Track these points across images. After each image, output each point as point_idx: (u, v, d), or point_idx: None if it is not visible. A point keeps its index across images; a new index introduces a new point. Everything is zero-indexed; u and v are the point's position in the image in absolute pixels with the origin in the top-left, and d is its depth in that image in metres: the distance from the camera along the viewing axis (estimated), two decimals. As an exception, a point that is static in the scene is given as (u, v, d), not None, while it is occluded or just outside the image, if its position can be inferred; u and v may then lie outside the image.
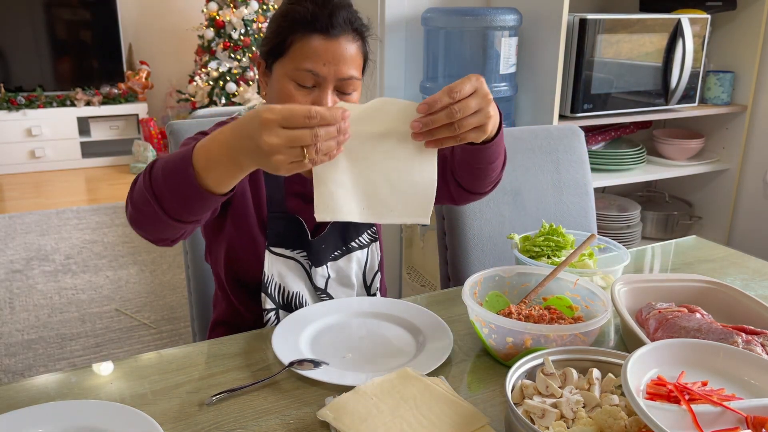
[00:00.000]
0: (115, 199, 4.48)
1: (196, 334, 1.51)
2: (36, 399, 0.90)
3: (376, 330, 1.11)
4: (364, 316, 1.15)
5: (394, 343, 1.07)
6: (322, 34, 1.04)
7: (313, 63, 1.04)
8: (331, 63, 1.04)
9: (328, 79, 1.05)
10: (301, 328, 1.09)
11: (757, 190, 2.71)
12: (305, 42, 1.04)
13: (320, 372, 0.96)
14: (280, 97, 1.08)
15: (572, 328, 0.96)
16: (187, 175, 0.86)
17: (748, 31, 2.60)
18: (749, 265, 1.45)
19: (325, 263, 1.22)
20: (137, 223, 0.96)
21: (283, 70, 1.07)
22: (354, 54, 1.07)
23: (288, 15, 1.06)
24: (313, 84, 1.06)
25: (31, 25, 5.04)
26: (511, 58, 2.36)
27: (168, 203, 0.90)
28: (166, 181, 0.89)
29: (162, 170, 0.90)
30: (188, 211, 0.91)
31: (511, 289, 1.16)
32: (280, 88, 1.07)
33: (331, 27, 1.04)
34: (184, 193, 0.88)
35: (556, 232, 1.35)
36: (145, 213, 0.93)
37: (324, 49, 1.04)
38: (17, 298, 2.99)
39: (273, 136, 0.80)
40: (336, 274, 1.24)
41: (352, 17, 1.07)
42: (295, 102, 1.06)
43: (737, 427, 0.73)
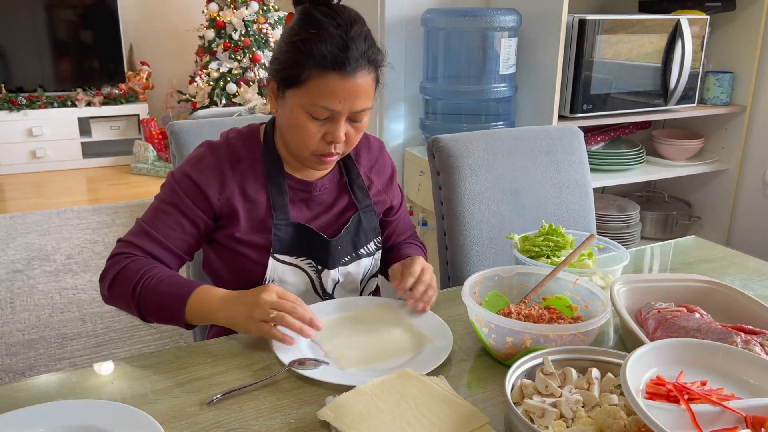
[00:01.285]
0: (115, 199, 4.48)
1: (197, 334, 1.51)
2: (37, 398, 0.91)
3: (376, 329, 1.11)
4: (365, 315, 1.15)
5: (395, 343, 1.07)
6: (338, 73, 1.05)
7: (328, 101, 1.06)
8: (346, 100, 1.06)
9: (343, 113, 1.08)
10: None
11: (757, 190, 2.72)
12: (322, 80, 1.05)
13: (320, 372, 0.96)
14: (295, 125, 1.10)
15: (572, 328, 0.96)
16: (176, 317, 1.07)
17: (747, 31, 2.60)
18: (748, 265, 1.45)
19: (337, 266, 1.23)
20: (112, 304, 1.15)
21: (298, 100, 1.08)
22: (368, 86, 1.09)
23: (305, 48, 1.05)
24: (326, 117, 1.08)
25: (32, 25, 5.04)
26: (511, 59, 2.36)
27: (150, 318, 1.10)
28: (157, 310, 1.08)
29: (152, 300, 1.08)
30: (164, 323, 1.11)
31: (510, 289, 1.16)
32: (294, 117, 1.09)
33: (348, 65, 1.05)
34: (166, 320, 1.09)
35: (556, 232, 1.35)
36: (123, 309, 1.13)
37: (341, 87, 1.05)
38: (18, 297, 2.99)
39: (268, 296, 1.02)
40: (344, 279, 1.25)
41: (367, 49, 1.08)
42: (308, 131, 1.09)
43: (736, 426, 0.73)
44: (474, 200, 1.58)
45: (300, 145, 1.12)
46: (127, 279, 1.09)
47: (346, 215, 1.26)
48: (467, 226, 1.57)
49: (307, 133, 1.09)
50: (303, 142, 1.11)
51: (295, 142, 1.13)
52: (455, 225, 1.57)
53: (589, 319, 1.02)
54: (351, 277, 1.26)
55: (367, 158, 1.31)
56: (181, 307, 1.06)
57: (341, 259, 1.23)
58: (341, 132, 1.09)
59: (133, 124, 5.41)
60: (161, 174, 5.02)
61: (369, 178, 1.30)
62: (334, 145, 1.11)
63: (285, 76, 1.08)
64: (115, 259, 1.12)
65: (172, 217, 1.14)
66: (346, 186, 1.27)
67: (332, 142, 1.11)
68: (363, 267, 1.27)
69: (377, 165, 1.32)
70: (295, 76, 1.06)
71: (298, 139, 1.11)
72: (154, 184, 4.84)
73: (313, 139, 1.10)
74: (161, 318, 1.09)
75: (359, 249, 1.26)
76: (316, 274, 1.22)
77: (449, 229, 1.59)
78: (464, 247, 1.57)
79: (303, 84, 1.06)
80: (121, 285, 1.09)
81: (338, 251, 1.22)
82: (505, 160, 1.63)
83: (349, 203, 1.26)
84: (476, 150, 1.59)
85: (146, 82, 5.40)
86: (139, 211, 4.19)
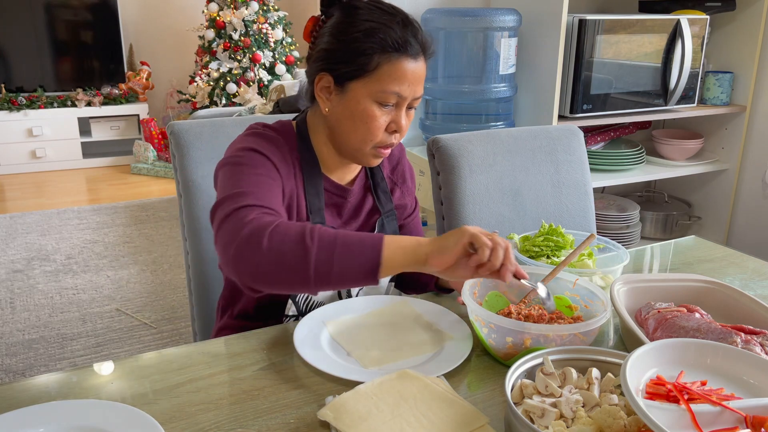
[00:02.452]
0: (115, 199, 4.48)
1: (197, 334, 1.51)
2: (37, 399, 0.91)
3: (396, 328, 1.11)
4: (383, 314, 1.15)
5: (415, 341, 1.07)
6: (410, 57, 1.07)
7: (399, 85, 1.07)
8: (412, 84, 1.08)
9: (408, 98, 1.09)
10: (323, 324, 1.10)
11: (756, 190, 2.72)
12: (393, 64, 1.06)
13: (344, 370, 0.96)
14: (361, 117, 1.09)
15: (571, 328, 0.96)
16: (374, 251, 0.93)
17: (747, 31, 2.60)
18: (748, 265, 1.45)
19: None
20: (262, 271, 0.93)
21: (366, 90, 1.07)
22: (424, 73, 1.12)
23: (374, 36, 1.05)
24: (393, 103, 1.09)
25: (32, 25, 5.04)
26: (511, 59, 2.36)
27: (325, 275, 0.92)
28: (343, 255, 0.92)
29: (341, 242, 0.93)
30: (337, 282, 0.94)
31: (510, 288, 1.16)
32: (363, 108, 1.08)
33: (416, 48, 1.07)
34: (352, 270, 0.93)
35: (556, 232, 1.35)
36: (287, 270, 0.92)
37: (410, 71, 1.07)
38: (18, 297, 2.99)
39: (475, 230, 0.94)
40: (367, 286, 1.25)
41: (426, 38, 1.10)
42: (377, 121, 1.08)
43: (736, 426, 0.73)
44: (474, 200, 1.58)
45: (365, 138, 1.11)
46: (290, 227, 0.94)
47: (372, 220, 1.26)
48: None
49: (375, 123, 1.09)
50: (369, 134, 1.10)
51: (359, 135, 1.11)
52: (455, 225, 1.57)
53: (589, 319, 1.02)
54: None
55: (388, 161, 1.32)
56: (379, 241, 0.93)
57: None
58: (404, 119, 1.11)
59: (133, 124, 5.41)
60: (161, 174, 5.03)
61: (392, 181, 1.31)
62: (395, 135, 1.12)
63: (349, 70, 1.07)
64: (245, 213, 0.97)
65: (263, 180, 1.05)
66: (371, 189, 1.27)
67: (395, 131, 1.12)
68: None
69: (399, 167, 1.33)
70: (364, 65, 1.06)
71: (364, 132, 1.10)
72: (154, 184, 4.84)
73: (380, 129, 1.10)
74: (349, 260, 0.92)
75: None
76: None
77: (449, 229, 1.59)
78: (464, 247, 1.57)
79: (373, 72, 1.06)
80: (285, 231, 0.93)
81: None
82: (505, 160, 1.63)
83: (373, 207, 1.26)
84: (476, 150, 1.59)
85: (146, 82, 5.40)
86: (139, 211, 4.19)
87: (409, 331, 1.10)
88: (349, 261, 0.92)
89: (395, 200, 1.30)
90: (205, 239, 1.43)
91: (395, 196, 1.31)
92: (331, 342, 1.06)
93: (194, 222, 1.42)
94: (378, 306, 1.17)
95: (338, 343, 1.06)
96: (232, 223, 0.96)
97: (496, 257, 0.94)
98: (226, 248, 0.95)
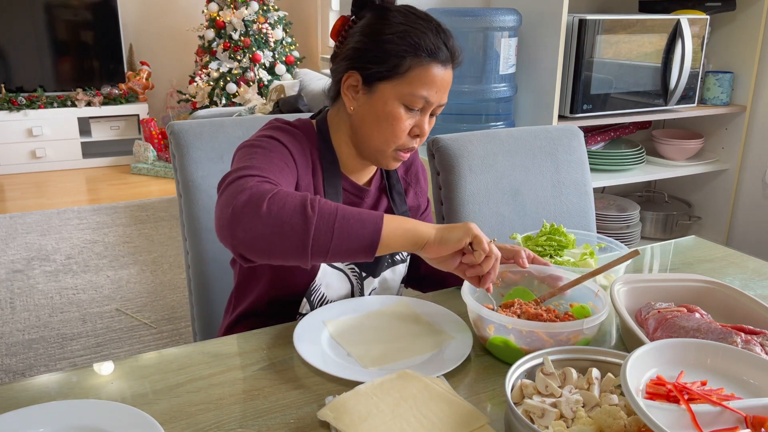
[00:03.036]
0: (115, 199, 4.48)
1: (197, 334, 1.51)
2: (37, 399, 0.91)
3: (396, 328, 1.11)
4: (383, 314, 1.15)
5: (416, 341, 1.07)
6: (441, 64, 1.08)
7: (428, 90, 1.08)
8: (439, 91, 1.10)
9: (433, 104, 1.10)
10: (323, 324, 1.10)
11: (756, 190, 2.72)
12: (424, 69, 1.07)
13: (345, 371, 0.96)
14: (387, 118, 1.09)
15: (541, 326, 0.96)
16: (374, 225, 0.91)
17: (748, 31, 2.60)
18: (748, 265, 1.45)
19: (380, 274, 1.23)
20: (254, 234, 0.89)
21: (395, 92, 1.08)
22: (451, 81, 1.13)
23: (408, 38, 1.07)
24: (419, 108, 1.10)
25: (32, 25, 5.04)
26: (511, 59, 2.36)
27: (324, 246, 0.89)
28: (343, 228, 0.90)
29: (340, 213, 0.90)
30: (331, 257, 0.91)
31: (541, 290, 1.16)
32: (389, 110, 1.09)
33: (447, 56, 1.09)
34: (356, 234, 0.91)
35: (558, 232, 1.35)
36: (284, 236, 0.89)
37: (440, 77, 1.09)
38: (18, 297, 2.99)
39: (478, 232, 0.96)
40: (379, 286, 1.26)
41: (456, 46, 1.12)
42: (401, 123, 1.09)
43: (736, 426, 0.73)
44: (474, 200, 1.58)
45: (388, 139, 1.11)
46: (291, 194, 0.91)
47: None
48: (467, 226, 1.57)
49: (400, 126, 1.09)
50: (393, 135, 1.11)
51: (383, 137, 1.11)
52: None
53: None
54: (387, 284, 1.26)
55: (402, 162, 1.32)
56: (380, 219, 0.92)
57: (383, 266, 1.24)
58: (427, 125, 1.12)
59: (133, 124, 5.41)
60: (161, 174, 5.03)
61: (406, 182, 1.31)
62: (417, 139, 1.13)
63: (380, 71, 1.08)
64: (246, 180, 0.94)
65: (276, 161, 1.05)
66: (386, 190, 1.27)
67: (418, 136, 1.13)
68: (398, 273, 1.28)
69: (412, 168, 1.34)
70: (395, 66, 1.07)
71: (389, 133, 1.11)
72: (154, 184, 4.84)
73: (404, 132, 1.11)
74: (349, 234, 0.90)
75: (395, 255, 1.26)
76: (358, 282, 1.21)
77: (449, 229, 1.59)
78: (464, 247, 1.57)
79: (404, 74, 1.07)
80: (285, 199, 0.90)
81: (384, 258, 1.22)
82: (505, 160, 1.63)
83: (387, 208, 1.27)
84: (476, 150, 1.59)
85: (146, 82, 5.40)
86: (139, 211, 4.19)
87: (409, 332, 1.10)
88: (348, 234, 0.90)
89: (409, 201, 1.31)
90: (205, 239, 1.43)
91: (409, 197, 1.31)
92: (331, 342, 1.06)
93: (194, 222, 1.42)
94: (378, 306, 1.17)
95: (338, 343, 1.05)
96: (231, 189, 0.93)
97: (487, 264, 0.97)
98: (222, 211, 0.91)
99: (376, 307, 1.17)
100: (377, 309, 1.16)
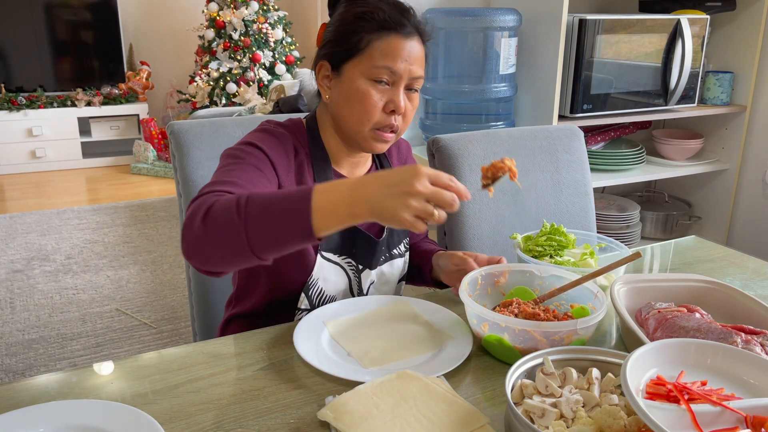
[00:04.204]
0: (115, 199, 4.48)
1: (197, 334, 1.51)
2: (37, 398, 0.91)
3: (395, 328, 1.11)
4: (382, 314, 1.15)
5: (415, 341, 1.07)
6: (399, 34, 1.10)
7: (391, 60, 1.09)
8: (406, 61, 1.10)
9: (403, 76, 1.11)
10: (323, 324, 1.10)
11: (756, 190, 2.72)
12: (384, 41, 1.09)
13: (347, 371, 0.96)
14: (356, 96, 1.11)
15: (533, 326, 0.96)
16: (300, 215, 0.85)
17: (748, 31, 2.60)
18: (748, 264, 1.45)
19: (376, 267, 1.24)
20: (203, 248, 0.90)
21: (359, 69, 1.11)
22: (422, 55, 1.14)
23: (364, 16, 1.10)
24: (387, 81, 1.11)
25: (32, 25, 5.04)
26: (511, 59, 2.36)
27: (261, 240, 0.87)
28: (269, 217, 0.86)
29: (265, 206, 0.87)
30: (276, 249, 0.88)
31: (542, 289, 1.16)
32: (356, 87, 1.11)
33: (407, 27, 1.11)
34: (285, 232, 0.86)
35: (558, 232, 1.35)
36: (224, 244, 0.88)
37: (401, 47, 1.10)
38: (18, 297, 2.99)
39: (422, 186, 0.82)
40: (377, 280, 1.26)
41: (420, 21, 1.15)
42: (371, 99, 1.10)
43: (736, 426, 0.73)
44: (474, 200, 1.58)
45: (361, 118, 1.12)
46: (228, 203, 0.89)
47: None
48: (467, 226, 1.57)
49: (370, 101, 1.10)
50: (365, 113, 1.11)
51: (356, 116, 1.12)
52: (455, 225, 1.57)
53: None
54: (385, 278, 1.27)
55: (397, 157, 1.34)
56: (306, 205, 0.85)
57: (380, 259, 1.24)
58: (401, 98, 1.12)
59: (133, 124, 5.41)
60: (161, 174, 5.03)
61: None
62: (394, 116, 1.13)
63: (343, 49, 1.11)
64: (202, 198, 0.94)
65: (249, 169, 1.06)
66: None
67: (393, 112, 1.12)
68: (396, 268, 1.28)
69: (407, 163, 1.36)
70: (355, 44, 1.10)
71: (360, 111, 1.11)
72: (154, 184, 4.84)
73: (376, 108, 1.11)
74: (280, 231, 0.86)
75: (392, 249, 1.27)
76: (355, 275, 1.22)
77: (449, 229, 1.59)
78: (464, 247, 1.57)
79: (364, 50, 1.10)
80: (220, 211, 0.89)
81: (381, 251, 1.23)
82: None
83: None
84: (476, 150, 1.59)
85: (146, 82, 5.40)
86: (139, 210, 4.19)
87: (408, 331, 1.10)
88: (281, 228, 0.86)
89: None
90: (205, 239, 1.43)
91: None
92: (331, 342, 1.06)
93: (194, 222, 1.42)
94: (377, 306, 1.17)
95: (338, 343, 1.05)
96: (187, 213, 0.94)
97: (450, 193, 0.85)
98: (181, 234, 0.94)
99: (376, 307, 1.17)
100: (377, 308, 1.16)
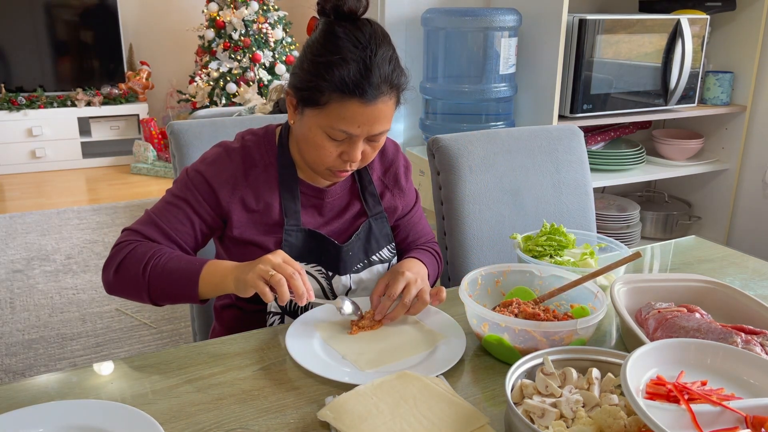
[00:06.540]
0: (115, 199, 4.48)
1: (197, 334, 1.51)
2: (37, 398, 0.91)
3: (387, 329, 1.11)
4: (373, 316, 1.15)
5: (408, 342, 1.07)
6: (359, 100, 1.03)
7: (347, 125, 1.06)
8: (365, 125, 1.06)
9: (361, 136, 1.08)
10: (314, 328, 1.10)
11: (756, 190, 2.72)
12: (342, 105, 1.04)
13: (343, 375, 0.96)
14: (312, 142, 1.10)
15: (533, 326, 0.96)
16: (190, 291, 1.08)
17: (748, 31, 2.60)
18: (748, 264, 1.45)
19: (348, 273, 1.23)
20: (116, 292, 1.14)
21: (316, 121, 1.08)
22: (389, 110, 1.09)
23: (327, 72, 1.03)
24: (344, 139, 1.08)
25: (32, 25, 5.04)
26: (511, 59, 2.36)
27: (160, 298, 1.11)
28: (167, 281, 1.08)
29: (165, 272, 1.08)
30: (170, 303, 1.13)
31: (543, 289, 1.16)
32: (312, 136, 1.09)
33: (369, 92, 1.03)
34: (177, 295, 1.09)
35: (558, 232, 1.35)
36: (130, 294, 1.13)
37: (360, 113, 1.05)
38: (18, 297, 2.99)
39: (273, 256, 1.03)
40: (356, 287, 1.25)
41: (391, 72, 1.06)
42: (325, 150, 1.09)
43: (736, 426, 0.73)
44: (474, 200, 1.58)
45: (316, 161, 1.13)
46: (136, 261, 1.09)
47: (357, 222, 1.26)
48: (467, 226, 1.57)
49: (324, 152, 1.10)
50: (320, 158, 1.11)
51: (311, 157, 1.13)
52: (455, 225, 1.57)
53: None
54: (365, 284, 1.26)
55: (380, 163, 1.30)
56: (195, 279, 1.07)
57: (353, 266, 1.23)
58: (358, 152, 1.10)
59: (133, 124, 5.41)
60: (161, 174, 5.02)
61: (383, 183, 1.29)
62: (349, 163, 1.12)
63: (305, 96, 1.08)
64: (120, 246, 1.12)
65: (181, 211, 1.15)
66: (358, 192, 1.26)
67: (348, 161, 1.11)
68: (376, 274, 1.27)
69: (391, 169, 1.31)
70: (315, 98, 1.06)
71: (315, 156, 1.12)
72: (154, 184, 4.84)
73: (330, 158, 1.10)
74: (173, 295, 1.09)
75: (371, 256, 1.26)
76: (326, 281, 1.21)
77: (449, 229, 1.59)
78: (464, 247, 1.57)
79: (323, 107, 1.06)
80: (128, 268, 1.10)
81: (349, 257, 1.22)
82: (505, 160, 1.63)
83: (360, 210, 1.26)
84: (476, 150, 1.59)
85: (146, 82, 5.40)
86: (138, 210, 4.19)
87: (400, 332, 1.10)
88: (176, 292, 1.09)
89: (385, 203, 1.29)
90: (205, 239, 1.43)
91: (385, 198, 1.29)
92: (324, 346, 1.05)
93: (194, 222, 1.42)
94: (367, 308, 1.17)
95: (331, 347, 1.05)
96: (113, 251, 1.13)
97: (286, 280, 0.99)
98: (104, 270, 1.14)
99: (365, 310, 1.16)
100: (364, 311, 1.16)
